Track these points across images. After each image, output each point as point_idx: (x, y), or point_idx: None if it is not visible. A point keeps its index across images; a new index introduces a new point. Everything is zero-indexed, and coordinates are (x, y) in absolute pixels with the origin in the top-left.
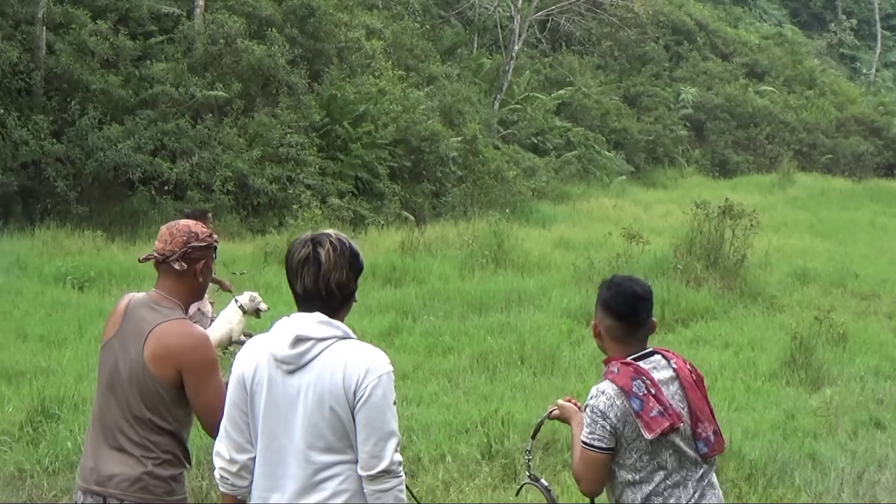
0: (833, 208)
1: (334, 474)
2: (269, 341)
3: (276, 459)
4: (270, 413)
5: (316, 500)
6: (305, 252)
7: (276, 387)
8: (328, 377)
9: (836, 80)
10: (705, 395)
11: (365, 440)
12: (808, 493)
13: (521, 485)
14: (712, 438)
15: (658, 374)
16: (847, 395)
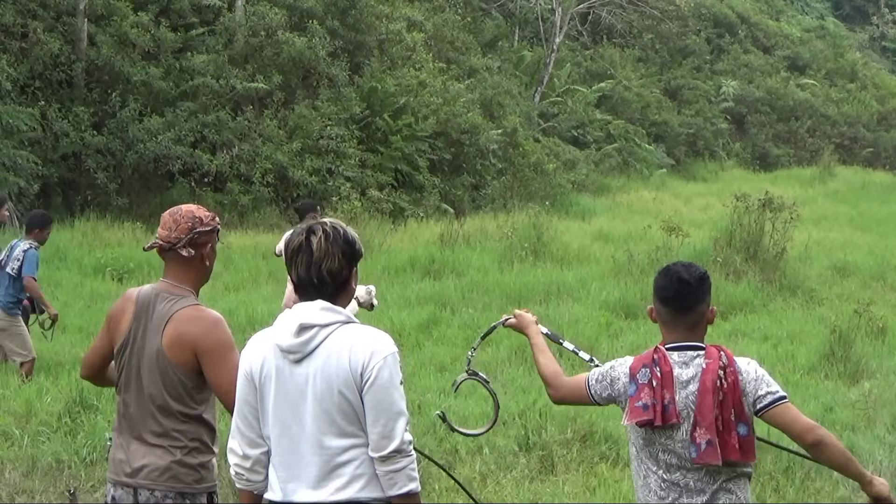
0: (874, 202)
1: (349, 459)
2: (273, 334)
3: (290, 449)
4: (281, 404)
5: (334, 486)
6: (299, 241)
7: (284, 377)
8: (335, 362)
9: (878, 73)
10: (725, 403)
11: (374, 421)
12: (845, 486)
13: (459, 381)
14: (703, 447)
15: (680, 371)
16: (886, 388)
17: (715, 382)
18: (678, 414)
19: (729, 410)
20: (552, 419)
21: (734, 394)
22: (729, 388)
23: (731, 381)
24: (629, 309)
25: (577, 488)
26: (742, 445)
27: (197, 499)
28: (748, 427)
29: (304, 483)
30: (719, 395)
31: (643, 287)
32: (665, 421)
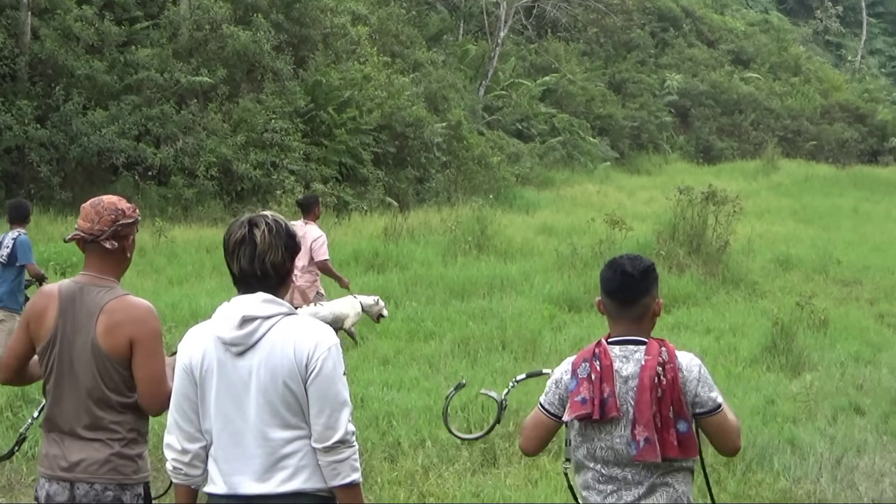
0: (816, 195)
1: (293, 451)
2: (213, 326)
3: (233, 442)
4: (223, 397)
5: (279, 478)
6: (241, 233)
7: (226, 370)
8: (279, 353)
9: (822, 67)
10: (664, 400)
11: (319, 412)
12: (786, 477)
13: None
14: (642, 444)
15: (621, 365)
16: (827, 380)
17: (653, 379)
18: (618, 408)
19: (667, 407)
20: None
21: (673, 391)
22: (668, 384)
23: (671, 378)
24: (572, 302)
25: (519, 481)
26: (681, 442)
27: (135, 489)
28: (688, 424)
29: (249, 475)
30: (657, 392)
31: (586, 280)
32: (604, 415)
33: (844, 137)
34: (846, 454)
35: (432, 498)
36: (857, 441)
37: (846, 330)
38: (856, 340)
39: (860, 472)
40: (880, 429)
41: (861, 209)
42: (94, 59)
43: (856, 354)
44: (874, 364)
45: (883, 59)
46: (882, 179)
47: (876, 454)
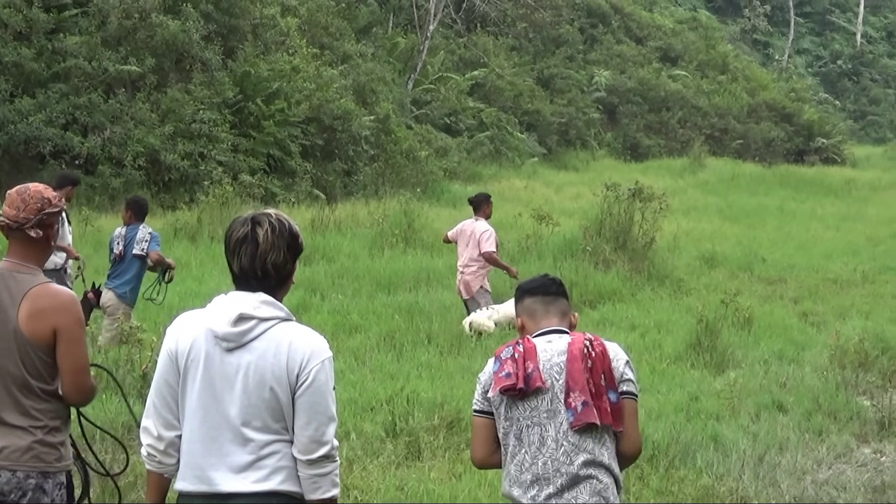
0: (742, 193)
1: (271, 452)
2: (207, 317)
3: (210, 437)
4: (206, 389)
5: (255, 476)
6: (244, 231)
7: (213, 363)
8: (271, 358)
9: (749, 65)
10: (594, 368)
11: (306, 424)
12: (709, 474)
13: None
14: (580, 408)
15: (546, 346)
16: (751, 378)
17: (582, 350)
18: (543, 380)
19: (599, 376)
20: (420, 406)
21: (603, 362)
22: (597, 356)
23: (600, 351)
24: (498, 296)
25: (443, 474)
26: (614, 412)
27: (57, 478)
28: (618, 395)
29: (225, 471)
30: (588, 363)
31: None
32: (530, 385)
33: (771, 136)
34: (768, 451)
35: (356, 491)
36: (780, 439)
37: (770, 328)
38: (779, 338)
39: (782, 470)
40: (802, 427)
41: (786, 208)
42: (22, 46)
43: (779, 352)
44: (797, 362)
45: (810, 58)
46: (807, 179)
47: (798, 452)
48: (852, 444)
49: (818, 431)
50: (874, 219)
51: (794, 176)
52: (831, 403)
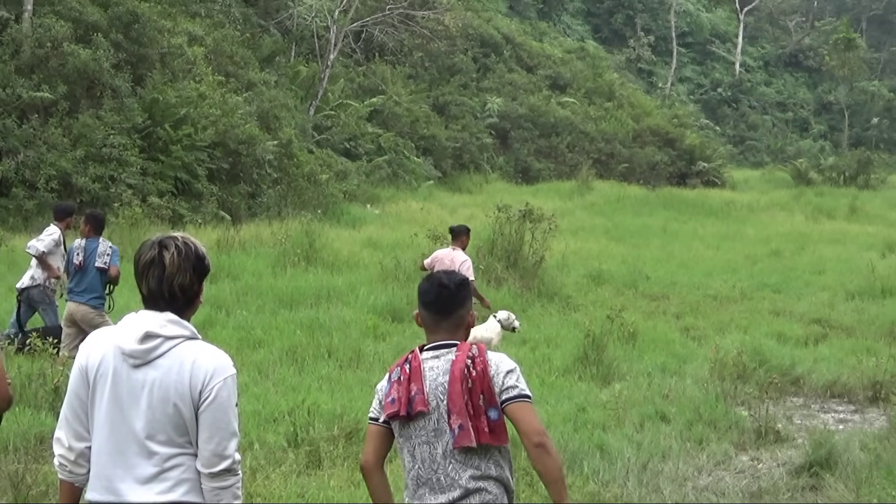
0: (628, 214)
1: (175, 465)
2: (116, 335)
3: (117, 449)
4: (113, 403)
5: (159, 489)
6: (151, 255)
7: (120, 379)
8: (175, 375)
9: (634, 93)
10: (474, 389)
11: (209, 439)
12: (595, 480)
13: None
14: (457, 431)
15: (431, 364)
16: (635, 389)
17: (463, 371)
18: (426, 403)
19: (478, 396)
20: (320, 417)
21: (483, 381)
22: (478, 375)
23: (480, 370)
24: (395, 312)
25: (342, 482)
26: (493, 429)
27: None
28: (498, 411)
29: (130, 482)
30: (468, 383)
31: (409, 292)
32: (411, 411)
33: (655, 160)
34: (652, 459)
35: (259, 498)
36: (663, 447)
37: (653, 342)
38: (662, 352)
39: (665, 477)
40: (684, 436)
41: (669, 228)
42: None
43: (662, 365)
44: (679, 375)
45: (691, 86)
46: (689, 201)
47: (680, 460)
48: (731, 451)
49: (699, 440)
50: (752, 238)
51: (677, 198)
52: (711, 414)
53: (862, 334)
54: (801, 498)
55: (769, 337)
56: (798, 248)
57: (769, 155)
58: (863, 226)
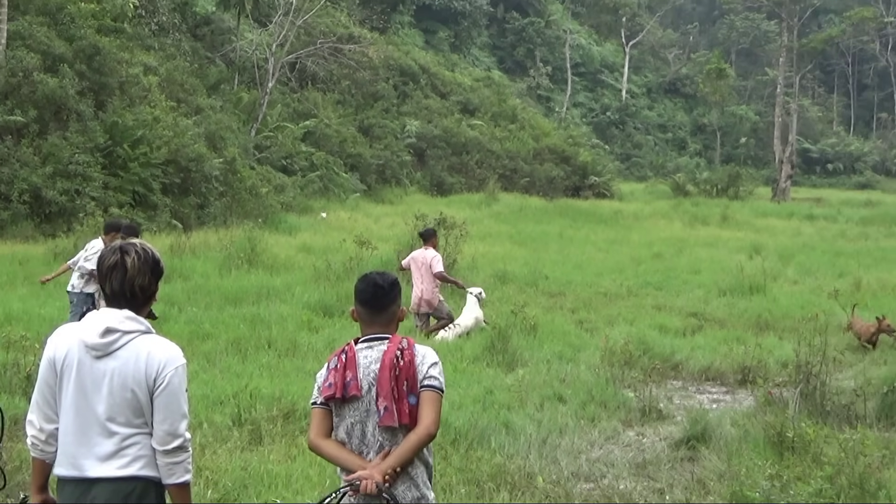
0: (529, 222)
1: (133, 443)
2: (79, 330)
3: (81, 430)
4: (78, 391)
5: (118, 464)
6: (114, 259)
7: (84, 368)
8: (132, 365)
9: (534, 116)
10: (400, 377)
11: (162, 420)
12: (501, 454)
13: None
14: (382, 412)
15: (365, 354)
16: (536, 374)
17: (392, 360)
18: (359, 388)
19: (402, 383)
20: (261, 400)
21: (409, 370)
22: (405, 365)
23: (408, 360)
24: (327, 308)
25: (281, 457)
26: (411, 413)
27: None
28: (417, 398)
29: (93, 459)
30: (395, 371)
31: (339, 290)
32: (346, 394)
33: (552, 175)
34: (550, 435)
35: (207, 471)
36: (560, 424)
37: (552, 333)
38: (559, 342)
39: (562, 450)
40: (578, 414)
41: (565, 234)
42: None
43: (559, 353)
44: (574, 361)
45: (584, 110)
46: (583, 210)
47: (575, 435)
48: (619, 428)
49: (591, 418)
50: (637, 243)
51: (572, 208)
52: (602, 395)
53: (732, 326)
54: (681, 468)
55: (652, 328)
56: (677, 251)
57: (652, 170)
58: (733, 232)
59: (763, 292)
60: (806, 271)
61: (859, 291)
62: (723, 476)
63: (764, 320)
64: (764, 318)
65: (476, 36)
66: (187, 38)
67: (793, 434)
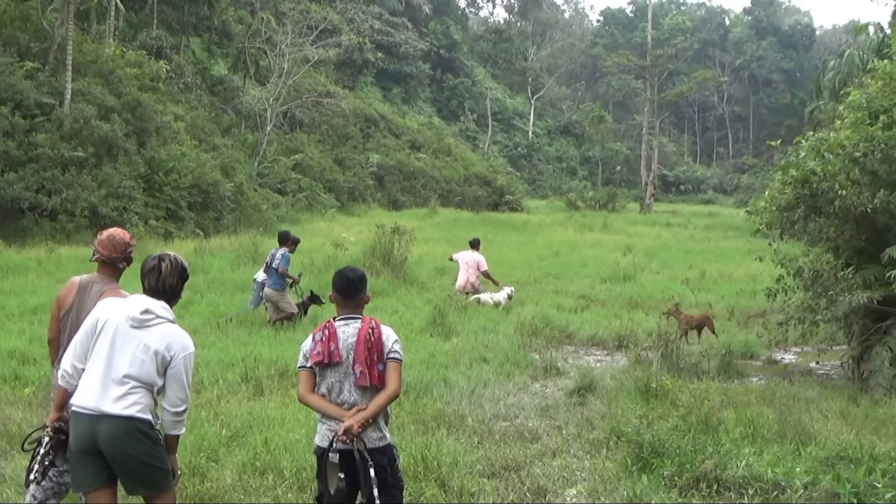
0: (461, 230)
1: (135, 393)
2: (125, 304)
3: (104, 377)
4: (111, 347)
5: (122, 405)
6: (153, 264)
7: (120, 333)
8: (156, 341)
9: (464, 151)
10: (371, 349)
11: (174, 390)
12: (441, 402)
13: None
14: (358, 374)
15: (344, 329)
16: (466, 342)
17: (366, 335)
18: (341, 356)
19: (374, 354)
20: (263, 362)
21: (378, 343)
22: (375, 339)
23: (377, 336)
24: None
25: (277, 404)
26: (379, 376)
27: None
28: (384, 365)
29: (108, 400)
30: (369, 343)
31: (321, 280)
32: (331, 360)
33: (478, 195)
34: (477, 387)
35: (223, 416)
36: (484, 379)
37: (478, 312)
38: (484, 318)
39: (486, 398)
40: (498, 371)
41: (488, 238)
42: (8, 140)
43: (484, 326)
44: (495, 332)
45: (501, 146)
46: (500, 221)
47: (495, 387)
48: (528, 381)
49: (508, 374)
50: (540, 244)
51: (492, 219)
52: (515, 357)
53: (611, 305)
54: (574, 411)
55: (552, 307)
56: (570, 250)
57: (551, 190)
58: (611, 236)
59: (634, 280)
60: (665, 264)
61: (704, 279)
62: (605, 416)
63: (634, 301)
64: (634, 299)
65: (421, 92)
66: (206, 94)
67: (656, 385)
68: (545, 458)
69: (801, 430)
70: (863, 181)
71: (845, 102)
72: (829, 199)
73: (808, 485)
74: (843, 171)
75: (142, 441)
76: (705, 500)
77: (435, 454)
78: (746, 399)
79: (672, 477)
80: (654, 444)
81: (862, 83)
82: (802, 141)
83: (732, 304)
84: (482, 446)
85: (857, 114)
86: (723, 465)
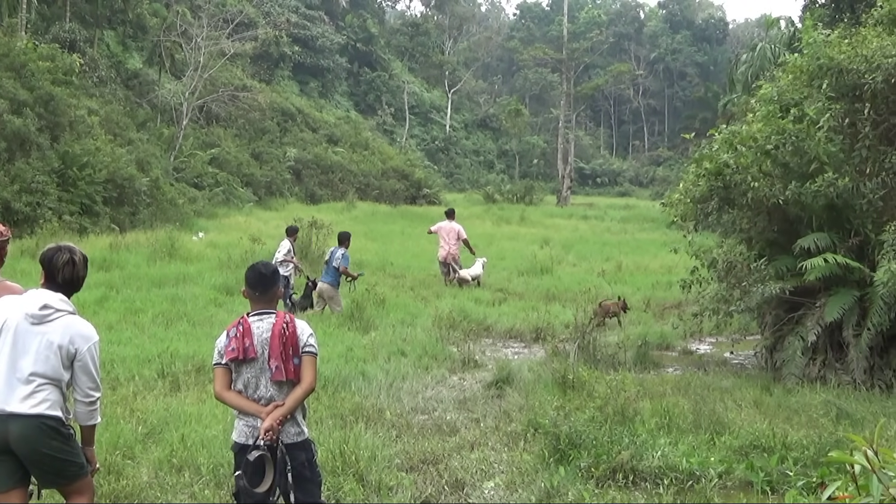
0: (380, 223)
1: (42, 390)
2: (22, 302)
3: (8, 377)
4: (13, 347)
5: (31, 403)
6: (67, 257)
7: (20, 331)
8: (59, 336)
9: (382, 145)
10: (286, 343)
11: (84, 381)
12: (359, 395)
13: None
14: (274, 369)
15: (258, 325)
16: (384, 336)
17: (281, 330)
18: (255, 351)
19: (289, 348)
20: (179, 358)
21: (293, 338)
22: (290, 334)
23: (292, 330)
24: (228, 289)
25: (194, 401)
26: (295, 371)
27: None
28: (300, 359)
29: (15, 400)
30: (283, 338)
31: (237, 276)
32: (245, 356)
33: (396, 188)
34: (395, 380)
35: (139, 412)
36: (403, 372)
37: (396, 305)
38: (402, 312)
39: (404, 391)
40: (416, 364)
41: (406, 232)
42: None
43: (402, 320)
44: (413, 326)
45: (419, 140)
46: (418, 214)
47: (414, 380)
48: (446, 374)
49: (426, 367)
50: None
51: (410, 212)
52: (433, 350)
53: (528, 298)
54: (492, 403)
55: (470, 300)
56: (488, 243)
57: (469, 184)
58: (528, 229)
59: (551, 273)
60: (582, 257)
61: (620, 271)
62: (522, 408)
63: (552, 293)
64: (552, 291)
65: (338, 86)
66: (121, 88)
67: (573, 376)
68: (463, 451)
69: (716, 420)
70: (774, 173)
71: (757, 95)
72: (742, 191)
73: (722, 474)
74: (755, 163)
75: (53, 438)
76: (621, 490)
77: (353, 448)
78: (662, 389)
79: (589, 468)
80: (571, 435)
81: (773, 77)
82: (716, 134)
83: (648, 295)
84: (400, 440)
85: (768, 107)
86: (639, 456)
